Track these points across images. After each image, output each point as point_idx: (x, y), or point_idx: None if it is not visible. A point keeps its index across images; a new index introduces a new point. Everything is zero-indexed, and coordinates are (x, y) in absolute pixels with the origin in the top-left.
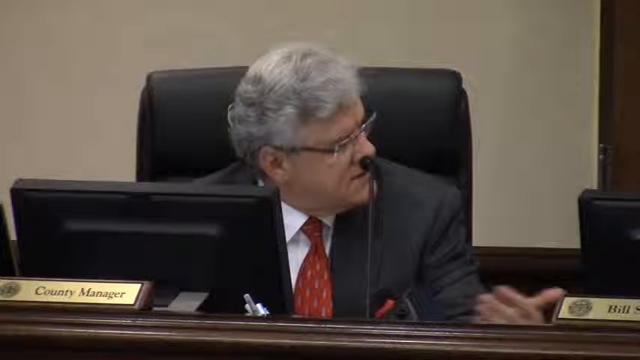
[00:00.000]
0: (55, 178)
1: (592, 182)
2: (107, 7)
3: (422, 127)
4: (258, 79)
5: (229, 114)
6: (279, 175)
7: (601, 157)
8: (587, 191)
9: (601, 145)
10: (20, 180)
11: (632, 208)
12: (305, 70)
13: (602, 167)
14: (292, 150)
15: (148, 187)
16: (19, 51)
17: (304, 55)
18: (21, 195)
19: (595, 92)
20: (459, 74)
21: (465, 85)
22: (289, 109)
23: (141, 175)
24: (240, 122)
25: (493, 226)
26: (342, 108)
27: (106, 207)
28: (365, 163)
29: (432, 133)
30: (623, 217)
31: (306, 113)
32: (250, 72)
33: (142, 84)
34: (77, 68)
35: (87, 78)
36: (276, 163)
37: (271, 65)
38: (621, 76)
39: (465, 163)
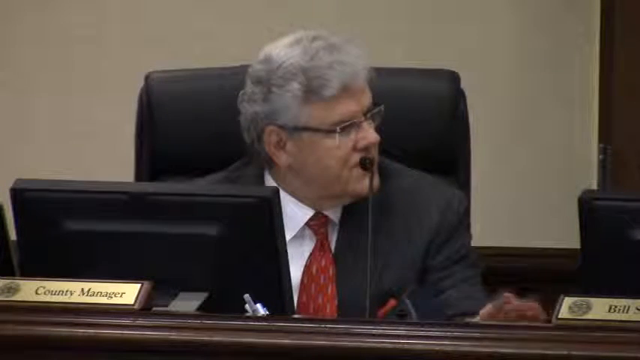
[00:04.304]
0: (55, 178)
1: (592, 182)
2: (107, 7)
3: (420, 127)
4: (267, 59)
5: (239, 99)
6: (283, 159)
7: (601, 157)
8: (587, 191)
9: (601, 145)
10: (20, 180)
11: (632, 208)
12: (313, 50)
13: (602, 167)
14: (295, 129)
15: (148, 187)
16: (19, 51)
17: (314, 38)
18: (21, 195)
19: (595, 92)
20: (457, 74)
21: (464, 85)
22: (294, 85)
23: (139, 175)
24: (248, 102)
25: (493, 226)
26: (346, 90)
27: (106, 207)
28: (364, 163)
29: (430, 133)
30: (623, 217)
31: (311, 91)
32: (261, 54)
33: (142, 84)
34: (77, 68)
35: (87, 78)
36: (280, 145)
37: (280, 46)
38: (621, 76)
39: (464, 164)
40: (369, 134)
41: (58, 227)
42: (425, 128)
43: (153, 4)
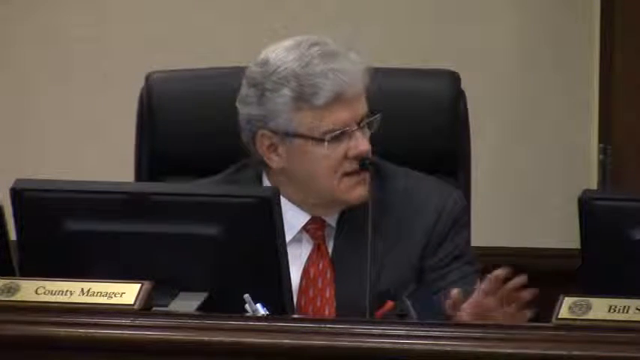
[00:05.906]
0: (55, 178)
1: (592, 182)
2: (107, 7)
3: (421, 128)
4: (264, 62)
5: (237, 99)
6: (274, 162)
7: (601, 157)
8: (587, 191)
9: (601, 145)
10: (20, 180)
11: (632, 208)
12: (309, 57)
13: (602, 167)
14: (286, 135)
15: (148, 187)
16: (20, 51)
17: (312, 44)
18: (21, 195)
19: (595, 92)
20: (457, 75)
21: (465, 85)
22: (286, 92)
23: (139, 175)
24: (243, 103)
25: (493, 226)
26: (340, 99)
27: (106, 207)
28: (364, 164)
29: (430, 134)
30: (623, 217)
31: (302, 99)
32: (260, 55)
33: (142, 84)
34: (77, 68)
35: (87, 78)
36: (272, 148)
37: (278, 50)
38: (621, 76)
39: (464, 164)
40: (360, 143)
41: (58, 227)
42: (425, 128)
43: (153, 4)
